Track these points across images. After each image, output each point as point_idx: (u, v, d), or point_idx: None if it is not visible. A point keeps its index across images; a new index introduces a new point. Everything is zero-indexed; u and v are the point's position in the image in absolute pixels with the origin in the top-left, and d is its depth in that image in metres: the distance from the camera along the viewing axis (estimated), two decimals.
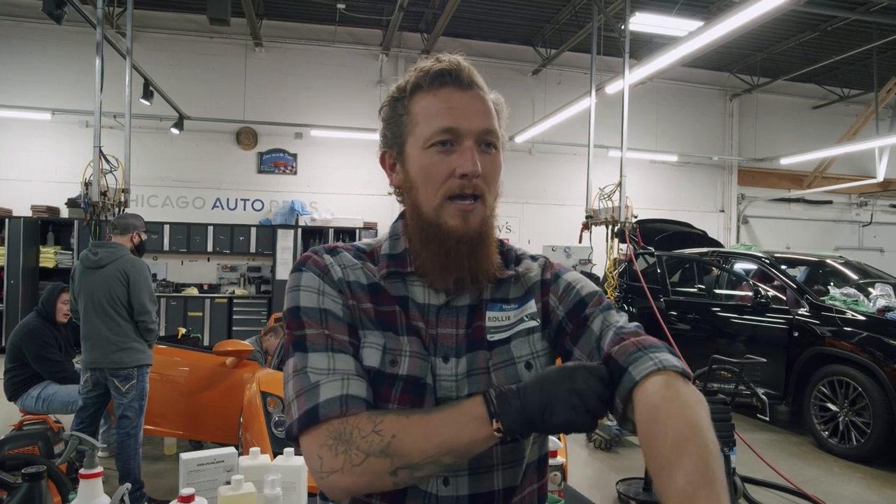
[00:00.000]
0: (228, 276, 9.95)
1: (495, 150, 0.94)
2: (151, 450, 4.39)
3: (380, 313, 0.94)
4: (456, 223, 0.90)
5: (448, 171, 0.90)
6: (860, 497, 4.09)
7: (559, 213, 11.09)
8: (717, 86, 12.24)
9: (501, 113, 0.98)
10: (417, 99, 0.93)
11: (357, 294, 0.94)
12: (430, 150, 0.91)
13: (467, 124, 0.90)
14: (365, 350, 0.91)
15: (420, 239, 0.94)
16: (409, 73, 0.95)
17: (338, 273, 0.95)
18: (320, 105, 10.32)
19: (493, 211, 0.95)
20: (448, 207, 0.90)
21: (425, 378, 0.90)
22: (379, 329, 0.92)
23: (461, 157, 0.89)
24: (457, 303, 0.95)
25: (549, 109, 10.09)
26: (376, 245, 1.02)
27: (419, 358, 0.91)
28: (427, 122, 0.91)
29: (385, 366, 0.90)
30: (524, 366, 0.94)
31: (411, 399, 0.89)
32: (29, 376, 4.11)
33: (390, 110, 0.96)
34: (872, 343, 4.72)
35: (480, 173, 0.89)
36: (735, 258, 6.60)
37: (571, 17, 9.55)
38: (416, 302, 0.95)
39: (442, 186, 0.90)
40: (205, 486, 1.54)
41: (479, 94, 0.93)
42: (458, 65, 0.92)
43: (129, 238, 3.67)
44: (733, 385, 4.18)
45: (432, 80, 0.92)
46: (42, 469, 1.29)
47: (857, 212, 13.21)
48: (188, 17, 9.77)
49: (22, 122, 9.24)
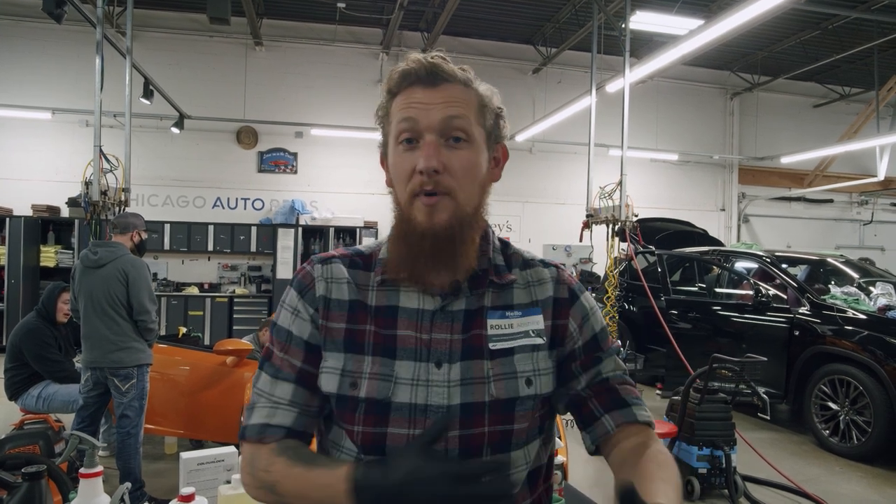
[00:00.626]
0: (229, 276, 9.96)
1: (467, 143, 0.91)
2: (152, 449, 4.39)
3: (350, 332, 0.94)
4: (422, 218, 0.90)
5: (411, 168, 0.90)
6: (861, 496, 4.09)
7: (560, 211, 11.08)
8: (717, 84, 12.23)
9: (489, 105, 0.96)
10: (395, 100, 0.94)
11: (332, 313, 0.95)
12: (398, 147, 0.92)
13: (426, 119, 0.89)
14: (323, 375, 0.93)
15: (395, 236, 0.95)
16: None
17: (321, 289, 0.96)
18: (321, 104, 10.32)
19: (473, 207, 0.93)
20: (416, 203, 0.90)
21: (388, 398, 0.89)
22: (342, 350, 0.93)
23: (420, 154, 0.89)
24: (452, 307, 0.94)
25: (549, 108, 10.09)
26: (375, 248, 1.02)
27: (379, 379, 0.90)
28: (395, 121, 0.93)
29: (345, 389, 0.91)
30: (525, 381, 0.93)
31: (374, 420, 0.89)
32: (29, 376, 4.11)
33: (381, 112, 0.98)
34: (873, 342, 4.71)
35: (440, 168, 0.88)
36: (736, 257, 6.60)
37: (572, 15, 9.54)
38: (407, 309, 0.94)
39: (409, 183, 0.91)
40: (205, 485, 1.54)
41: (447, 88, 0.91)
42: (419, 63, 0.91)
43: (129, 237, 3.67)
44: (734, 384, 4.18)
45: (399, 82, 0.93)
46: (42, 468, 1.29)
47: (857, 210, 13.21)
48: (188, 16, 9.77)
49: (22, 121, 9.24)
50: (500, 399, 0.90)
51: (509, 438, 0.91)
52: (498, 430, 0.90)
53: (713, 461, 3.82)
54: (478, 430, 0.89)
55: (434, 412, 0.88)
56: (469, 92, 0.94)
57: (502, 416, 0.90)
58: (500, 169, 1.01)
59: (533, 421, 0.94)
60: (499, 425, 0.90)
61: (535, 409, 0.94)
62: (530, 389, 0.93)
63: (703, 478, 3.82)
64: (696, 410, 3.90)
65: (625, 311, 7.23)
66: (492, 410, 0.90)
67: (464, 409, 0.89)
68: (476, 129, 0.93)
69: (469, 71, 0.96)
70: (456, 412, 0.88)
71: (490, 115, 0.96)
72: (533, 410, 0.94)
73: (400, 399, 0.89)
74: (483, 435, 0.89)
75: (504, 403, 0.91)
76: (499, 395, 0.90)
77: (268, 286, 9.72)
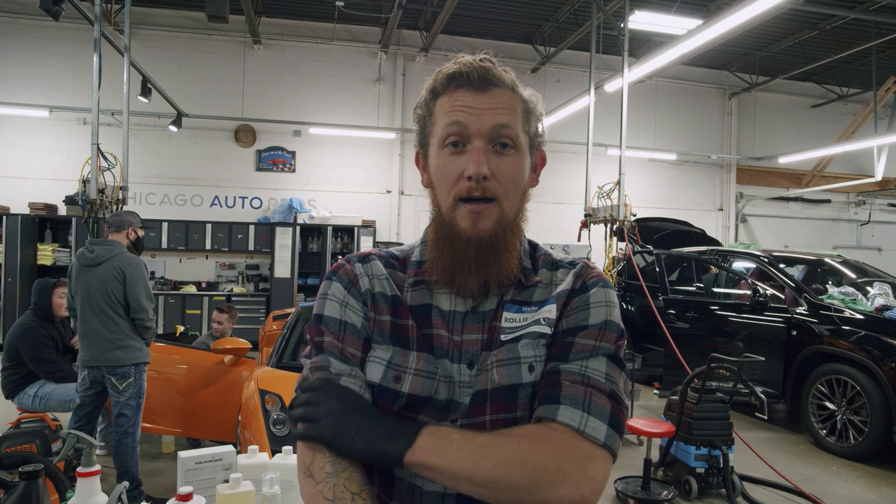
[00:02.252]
0: (227, 274, 9.94)
1: (514, 150, 0.91)
2: (149, 448, 4.39)
3: (395, 326, 0.94)
4: (466, 225, 0.90)
5: (458, 173, 0.89)
6: (858, 495, 4.10)
7: (558, 211, 11.08)
8: (716, 84, 12.24)
9: (533, 112, 0.96)
10: (438, 101, 0.94)
11: (379, 306, 0.96)
12: (443, 150, 0.92)
13: (476, 124, 0.89)
14: (369, 364, 0.93)
15: (435, 240, 0.94)
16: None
17: (365, 284, 0.97)
18: (319, 103, 10.30)
19: (515, 214, 0.93)
20: (460, 209, 0.90)
21: (431, 395, 0.90)
22: (390, 343, 0.93)
23: (469, 159, 0.89)
24: (483, 308, 0.94)
25: (548, 108, 9.87)
26: (409, 251, 1.03)
27: (423, 377, 0.90)
28: (441, 124, 0.92)
29: (388, 381, 0.91)
30: (528, 367, 0.91)
31: (409, 413, 0.90)
32: (26, 374, 4.09)
33: (421, 111, 0.97)
34: (870, 342, 4.72)
35: (489, 175, 0.88)
36: (733, 257, 6.61)
37: (570, 15, 9.54)
38: (440, 310, 0.94)
39: (454, 188, 0.90)
40: (203, 484, 1.54)
41: (497, 94, 0.91)
42: (470, 66, 0.91)
43: (125, 235, 3.66)
44: (732, 383, 4.19)
45: (446, 83, 0.92)
46: (39, 468, 1.29)
47: (855, 210, 13.22)
48: (186, 14, 9.74)
49: (19, 119, 9.21)
50: (503, 385, 0.89)
51: (511, 426, 0.90)
52: (500, 418, 0.89)
53: (711, 461, 3.83)
54: (479, 419, 0.89)
55: (456, 408, 0.90)
56: (516, 97, 0.93)
57: (504, 404, 0.89)
58: (537, 175, 1.00)
59: (532, 409, 0.93)
60: (500, 413, 0.89)
61: (533, 396, 0.93)
62: (532, 376, 0.91)
63: (701, 477, 3.83)
64: (693, 410, 3.91)
65: (622, 310, 7.24)
66: (494, 397, 0.89)
67: (471, 398, 0.89)
68: (522, 135, 0.93)
69: (512, 73, 0.95)
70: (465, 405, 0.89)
71: (535, 122, 0.96)
72: (532, 398, 0.93)
73: (439, 396, 0.90)
74: (484, 424, 0.89)
75: (507, 390, 0.90)
76: (501, 382, 0.90)
77: (265, 285, 9.70)
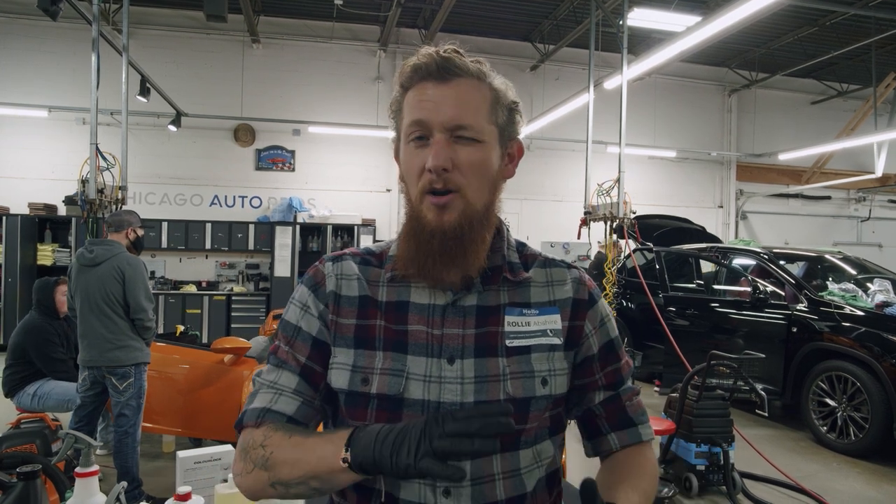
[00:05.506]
0: (227, 274, 9.94)
1: (477, 142, 0.89)
2: (150, 447, 4.39)
3: (360, 328, 0.93)
4: (431, 217, 0.89)
5: (421, 165, 0.89)
6: (858, 492, 4.10)
7: (558, 208, 11.08)
8: (715, 81, 12.22)
9: (501, 101, 0.94)
10: (406, 95, 0.93)
11: (343, 308, 0.95)
12: (409, 145, 0.92)
13: (435, 117, 0.88)
14: (333, 371, 0.93)
15: (405, 233, 0.94)
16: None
17: (331, 285, 0.97)
18: (318, 102, 10.30)
19: (484, 205, 0.92)
20: (426, 201, 0.90)
21: (400, 394, 0.89)
22: (353, 346, 0.93)
23: (430, 151, 0.88)
24: (464, 302, 0.93)
25: (547, 105, 10.08)
26: (386, 246, 1.02)
27: (391, 375, 0.90)
28: (407, 119, 0.92)
29: (356, 385, 0.91)
30: (541, 381, 0.92)
31: (386, 417, 0.89)
32: (28, 374, 4.09)
33: (394, 106, 0.97)
34: (871, 338, 4.72)
35: (450, 167, 0.87)
36: (733, 254, 6.60)
37: (569, 12, 9.52)
38: (418, 304, 0.93)
39: (419, 181, 0.90)
40: (202, 484, 1.54)
41: (459, 84, 0.90)
42: (430, 57, 0.90)
43: (125, 234, 3.65)
44: (732, 380, 4.19)
45: (411, 75, 0.92)
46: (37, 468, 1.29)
47: (855, 207, 13.22)
48: (185, 13, 9.73)
49: (18, 119, 9.20)
50: (517, 398, 0.90)
51: (518, 437, 0.91)
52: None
53: (711, 458, 3.83)
54: None
55: (447, 409, 0.87)
56: (482, 86, 0.92)
57: (516, 416, 0.88)
58: (514, 165, 1.00)
59: (542, 421, 0.94)
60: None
61: (547, 409, 0.94)
62: (545, 389, 0.92)
63: (702, 474, 3.83)
64: (694, 407, 3.90)
65: (623, 307, 7.24)
66: None
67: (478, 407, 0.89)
68: (487, 125, 0.91)
69: (483, 64, 0.94)
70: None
71: (503, 111, 0.94)
72: (544, 411, 0.93)
73: (412, 395, 0.89)
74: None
75: (520, 402, 0.90)
76: (515, 394, 0.90)
77: (266, 284, 9.70)
